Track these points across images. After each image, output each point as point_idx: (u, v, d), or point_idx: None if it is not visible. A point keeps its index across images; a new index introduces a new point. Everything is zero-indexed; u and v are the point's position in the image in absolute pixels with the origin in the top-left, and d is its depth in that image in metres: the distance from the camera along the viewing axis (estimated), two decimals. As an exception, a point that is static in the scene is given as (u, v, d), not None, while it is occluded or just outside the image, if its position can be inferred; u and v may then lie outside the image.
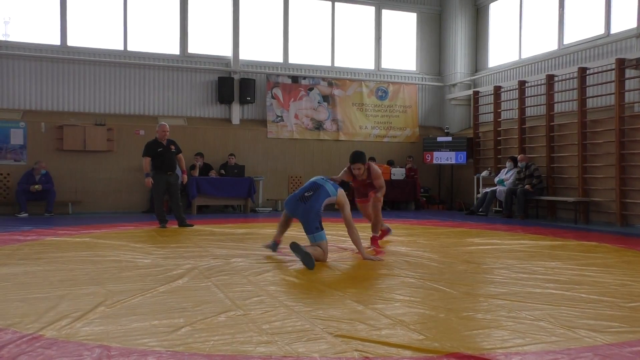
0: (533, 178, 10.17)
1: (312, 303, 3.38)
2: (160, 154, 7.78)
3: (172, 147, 7.90)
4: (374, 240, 5.97)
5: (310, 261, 4.50)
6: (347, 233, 5.06)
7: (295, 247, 4.60)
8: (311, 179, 5.13)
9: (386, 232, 6.37)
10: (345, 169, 5.77)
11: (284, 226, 5.27)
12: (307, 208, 4.80)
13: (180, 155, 8.05)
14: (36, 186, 9.95)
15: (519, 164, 10.47)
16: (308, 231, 4.82)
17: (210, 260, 4.92)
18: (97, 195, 10.98)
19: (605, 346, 2.60)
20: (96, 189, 10.97)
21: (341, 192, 5.04)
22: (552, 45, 11.01)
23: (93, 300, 3.36)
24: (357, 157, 5.56)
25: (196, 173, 10.96)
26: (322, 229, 4.81)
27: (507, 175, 10.81)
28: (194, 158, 11.16)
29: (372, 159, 12.27)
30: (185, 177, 8.14)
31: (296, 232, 6.00)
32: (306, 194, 4.88)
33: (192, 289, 3.74)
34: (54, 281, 3.95)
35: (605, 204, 9.39)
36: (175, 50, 11.85)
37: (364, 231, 6.14)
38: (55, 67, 10.94)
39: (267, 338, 2.66)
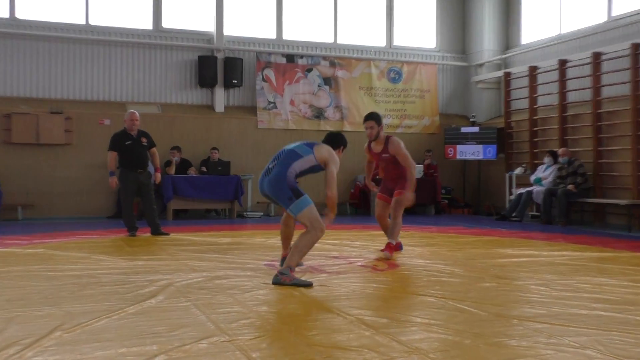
0: (577, 176, 10.16)
1: (311, 327, 3.37)
2: (129, 148, 7.78)
3: (144, 140, 7.90)
4: (389, 247, 5.96)
5: (304, 282, 4.49)
6: (339, 241, 5.05)
7: (275, 281, 4.51)
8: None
9: (397, 247, 6.26)
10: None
11: (285, 234, 5.26)
12: (271, 178, 4.72)
13: (154, 149, 8.05)
14: (-20, 187, 9.96)
15: (560, 159, 10.46)
16: (283, 204, 4.72)
17: (189, 275, 4.91)
18: (53, 197, 10.98)
19: (665, 379, 2.59)
20: (52, 189, 10.97)
21: (322, 148, 4.88)
22: (599, 17, 11.00)
23: (48, 324, 3.34)
24: (371, 114, 6.01)
25: (172, 171, 10.96)
26: (298, 196, 4.66)
27: (545, 173, 10.80)
28: (169, 153, 11.16)
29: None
30: (159, 175, 8.14)
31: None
32: (270, 166, 4.84)
33: (168, 310, 3.72)
34: (0, 301, 3.94)
35: (663, 207, 9.38)
36: (147, 24, 11.85)
37: (375, 240, 6.13)
38: (1, 44, 10.94)
39: (258, 369, 2.64)
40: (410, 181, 5.98)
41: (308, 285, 4.45)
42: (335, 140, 5.15)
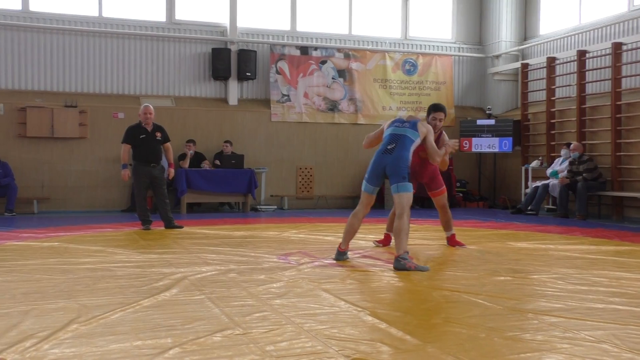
0: (585, 172, 10.07)
1: (325, 320, 3.40)
2: (143, 141, 7.83)
3: (159, 134, 7.95)
4: (452, 240, 6.35)
5: (423, 267, 4.93)
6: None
7: (399, 266, 4.93)
8: (387, 131, 5.53)
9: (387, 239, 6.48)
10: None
11: (353, 227, 5.48)
12: (395, 157, 5.27)
13: (168, 144, 8.10)
14: (-5, 180, 10.09)
15: (571, 154, 10.38)
16: (393, 180, 5.21)
17: (203, 268, 4.96)
18: (68, 191, 11.09)
19: (682, 374, 2.58)
20: (66, 183, 11.09)
21: (422, 125, 5.51)
22: (620, 7, 10.87)
23: (64, 317, 3.39)
24: (443, 106, 6.16)
25: (186, 164, 11.03)
26: (409, 180, 5.22)
27: (562, 165, 10.73)
28: (184, 146, 11.23)
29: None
30: (172, 171, 8.19)
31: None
32: (389, 147, 5.35)
33: (182, 303, 3.76)
34: (17, 294, 4.00)
35: (683, 200, 9.28)
36: (160, 16, 11.90)
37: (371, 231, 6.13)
38: (15, 37, 11.04)
39: (271, 362, 2.67)
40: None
41: (427, 270, 4.90)
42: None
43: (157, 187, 7.97)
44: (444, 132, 6.20)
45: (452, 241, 6.38)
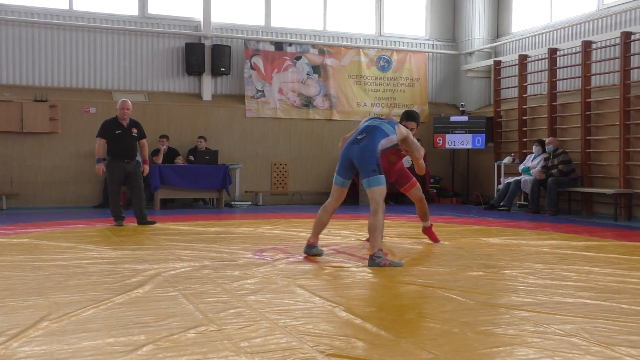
0: (560, 165, 10.22)
1: (299, 316, 3.40)
2: (119, 137, 7.74)
3: (135, 130, 7.87)
4: (428, 231, 6.37)
5: (397, 263, 4.97)
6: (327, 230, 5.49)
7: (373, 264, 4.92)
8: (362, 124, 5.46)
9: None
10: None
11: (322, 221, 5.44)
12: (362, 147, 5.14)
13: (144, 141, 8.02)
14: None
15: (547, 148, 10.53)
16: (363, 174, 5.12)
17: (176, 265, 4.93)
18: (38, 186, 10.91)
19: (648, 366, 2.65)
20: (37, 179, 10.91)
21: (402, 127, 5.41)
22: (590, 6, 11.05)
23: (34, 314, 3.35)
24: (416, 115, 6.08)
25: (159, 160, 10.92)
26: (380, 173, 5.10)
27: (533, 162, 10.88)
28: (157, 141, 11.12)
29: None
30: (147, 168, 8.10)
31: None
32: (359, 137, 5.23)
33: (156, 300, 3.74)
34: (-13, 291, 3.94)
35: (650, 196, 9.49)
36: (133, 10, 11.75)
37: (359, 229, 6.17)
38: (-15, 30, 10.80)
39: (246, 359, 2.67)
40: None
41: (401, 265, 4.96)
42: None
43: (133, 182, 7.90)
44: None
45: (427, 231, 6.43)
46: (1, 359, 2.63)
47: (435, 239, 6.40)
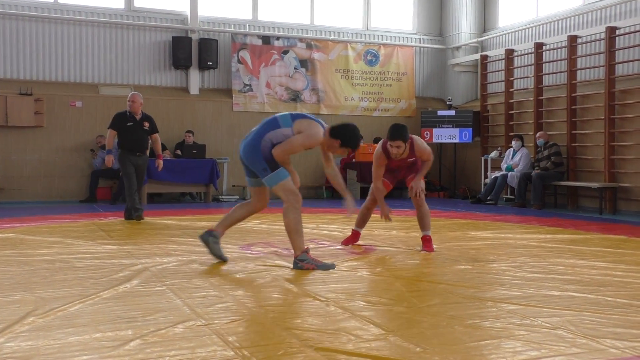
0: (551, 157, 10.27)
1: (288, 310, 3.40)
2: (130, 129, 7.67)
3: (146, 123, 7.81)
4: (426, 241, 5.53)
5: (327, 265, 4.47)
6: (315, 225, 4.97)
7: (298, 268, 4.43)
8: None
9: (355, 237, 5.83)
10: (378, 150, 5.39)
11: (233, 216, 4.87)
12: (245, 145, 4.57)
13: (156, 135, 7.97)
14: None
15: (538, 141, 10.58)
16: (260, 175, 4.57)
17: (164, 259, 4.90)
18: (23, 181, 10.81)
19: (634, 358, 2.67)
20: (22, 173, 10.80)
21: (305, 123, 4.55)
22: (575, 1, 11.11)
23: (20, 310, 3.32)
24: (398, 131, 5.17)
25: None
26: (274, 168, 4.49)
27: (515, 158, 10.90)
28: (143, 135, 11.05)
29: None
30: (161, 162, 8.06)
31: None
32: (247, 135, 4.68)
33: (143, 295, 3.72)
34: (-29, 286, 3.90)
35: (636, 190, 9.58)
36: (119, 3, 11.64)
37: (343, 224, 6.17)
38: (-32, 23, 10.66)
39: (234, 353, 2.66)
40: (423, 172, 5.55)
41: (331, 267, 4.53)
42: (342, 133, 4.64)
43: (138, 176, 7.84)
44: (416, 140, 5.45)
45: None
46: (-14, 355, 2.60)
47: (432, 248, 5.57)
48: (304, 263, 4.48)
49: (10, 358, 2.57)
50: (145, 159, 7.91)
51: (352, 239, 5.82)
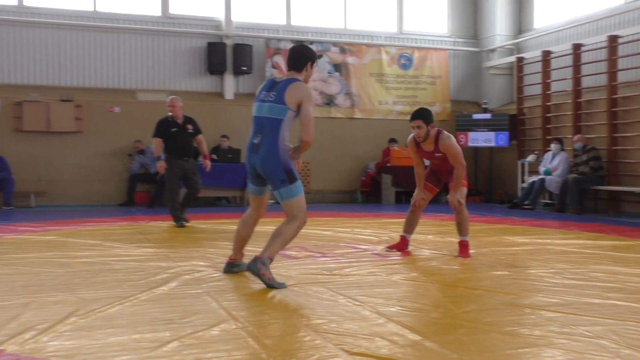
0: (590, 161, 10.05)
1: (323, 314, 3.39)
2: (174, 134, 7.60)
3: (190, 126, 7.72)
4: (463, 246, 5.44)
5: (278, 283, 4.04)
6: (350, 229, 4.87)
7: (254, 270, 4.06)
8: (254, 110, 4.45)
9: (403, 243, 5.75)
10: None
11: (241, 236, 4.60)
12: (262, 157, 4.19)
13: (200, 136, 7.88)
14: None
15: (575, 146, 10.37)
16: (273, 187, 4.27)
17: (200, 262, 4.95)
18: (65, 184, 11.06)
19: (679, 367, 2.59)
20: (63, 177, 11.05)
21: (291, 90, 4.19)
22: (616, 0, 10.86)
23: (62, 310, 3.38)
24: (417, 111, 5.47)
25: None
26: (293, 181, 4.18)
27: (554, 162, 10.69)
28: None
29: (394, 140, 12.26)
30: (209, 163, 7.98)
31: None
32: (255, 142, 4.27)
33: (180, 297, 3.76)
34: (15, 287, 3.99)
35: (678, 194, 9.30)
36: (155, 10, 11.84)
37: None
38: (11, 32, 10.97)
39: (269, 356, 2.67)
40: (456, 182, 5.51)
41: (282, 287, 4.03)
42: (300, 58, 4.36)
43: (188, 179, 7.78)
44: (443, 133, 5.43)
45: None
46: (31, 353, 2.67)
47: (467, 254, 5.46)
48: (263, 267, 4.02)
49: (54, 356, 2.63)
50: (193, 163, 7.83)
51: (399, 244, 5.72)
